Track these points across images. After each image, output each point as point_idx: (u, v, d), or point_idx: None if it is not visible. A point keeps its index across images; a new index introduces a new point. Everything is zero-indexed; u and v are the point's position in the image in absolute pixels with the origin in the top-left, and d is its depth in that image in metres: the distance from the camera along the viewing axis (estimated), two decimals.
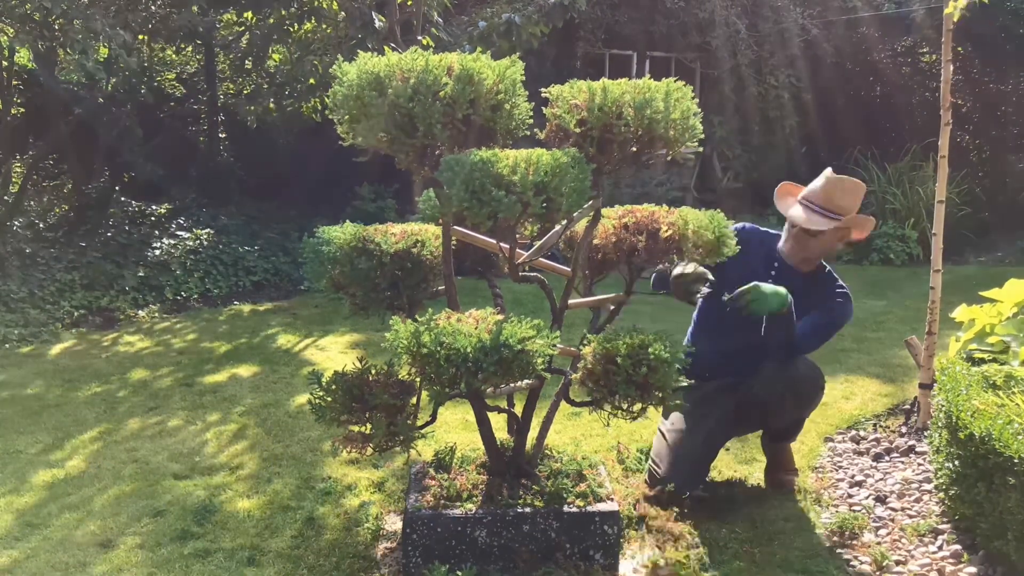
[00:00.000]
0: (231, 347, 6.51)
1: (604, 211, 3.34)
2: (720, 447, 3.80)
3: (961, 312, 4.01)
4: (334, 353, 6.24)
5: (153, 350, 6.47)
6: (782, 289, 3.27)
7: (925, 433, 4.19)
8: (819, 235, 3.47)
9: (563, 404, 3.24)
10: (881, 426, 4.58)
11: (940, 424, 3.42)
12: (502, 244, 3.07)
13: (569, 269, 3.24)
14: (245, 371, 5.80)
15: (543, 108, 3.06)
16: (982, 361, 3.71)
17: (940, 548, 3.22)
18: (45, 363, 6.13)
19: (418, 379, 2.89)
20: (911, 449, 4.15)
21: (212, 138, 12.06)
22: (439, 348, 2.53)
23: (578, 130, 2.92)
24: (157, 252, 8.65)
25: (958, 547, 3.18)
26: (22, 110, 9.86)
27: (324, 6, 9.00)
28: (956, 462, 3.15)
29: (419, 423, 3.02)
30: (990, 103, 12.04)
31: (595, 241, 3.37)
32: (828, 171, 3.54)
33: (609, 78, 2.96)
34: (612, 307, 3.50)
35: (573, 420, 4.67)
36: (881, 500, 3.67)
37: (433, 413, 3.03)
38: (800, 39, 11.65)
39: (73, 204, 9.92)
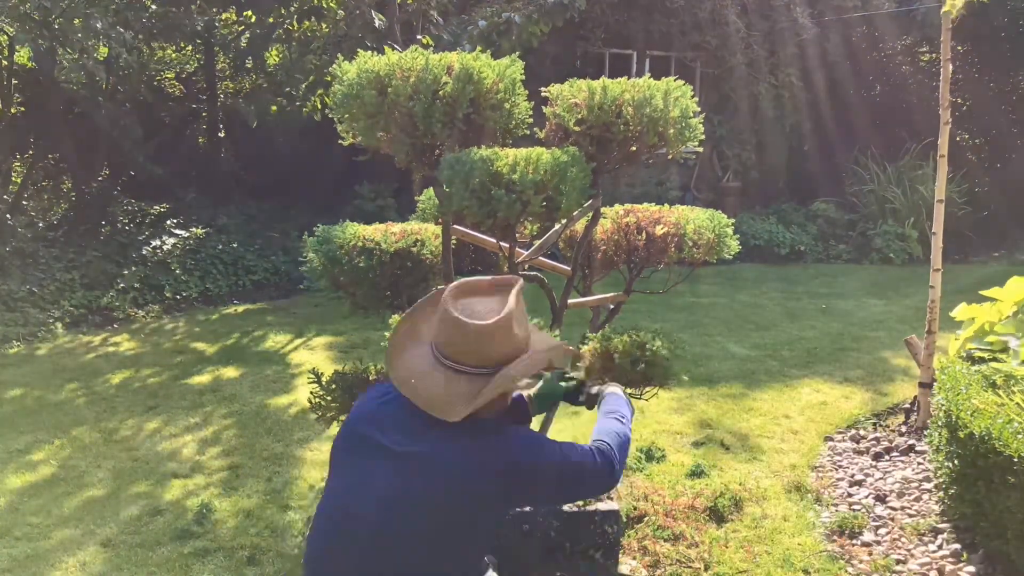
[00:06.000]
0: (231, 346, 6.51)
1: (604, 210, 3.34)
2: None
3: (961, 311, 4.01)
4: (333, 352, 6.24)
5: (153, 349, 6.47)
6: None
7: (925, 432, 4.18)
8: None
9: (563, 404, 3.24)
10: (881, 425, 4.58)
11: (940, 423, 3.42)
12: (502, 243, 3.06)
13: (569, 268, 3.24)
14: (244, 370, 5.80)
15: (543, 107, 3.06)
16: (982, 360, 3.70)
17: (940, 547, 3.22)
18: (45, 362, 6.13)
19: None
20: (911, 448, 4.15)
21: (212, 138, 12.06)
22: None
23: (578, 129, 2.92)
24: (157, 251, 8.65)
25: (958, 546, 3.18)
26: (22, 109, 9.85)
27: (324, 5, 9.00)
28: (956, 461, 3.15)
29: None
30: (991, 102, 12.04)
31: (595, 240, 3.37)
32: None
33: (609, 77, 2.95)
34: (611, 306, 3.50)
35: (573, 420, 4.67)
36: (881, 499, 3.67)
37: None
38: (800, 38, 11.64)
39: (73, 203, 9.92)
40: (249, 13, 9.48)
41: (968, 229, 10.54)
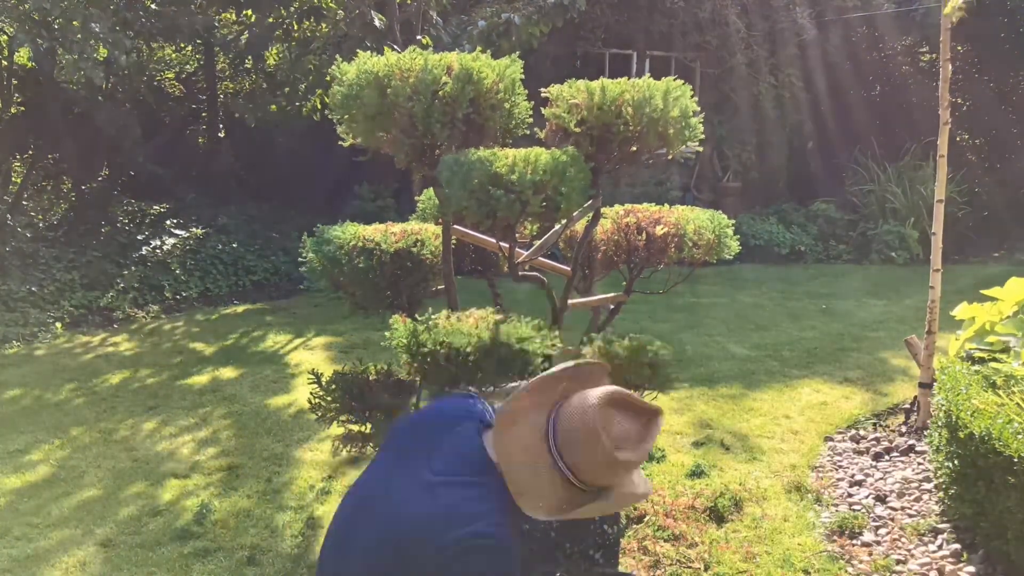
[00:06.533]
0: (231, 347, 6.51)
1: (604, 210, 3.34)
2: None
3: (961, 311, 4.00)
4: (333, 353, 6.23)
5: (152, 349, 6.47)
6: None
7: (925, 432, 4.18)
8: None
9: None
10: (881, 425, 4.58)
11: (940, 423, 3.42)
12: (502, 243, 3.06)
13: (569, 268, 3.24)
14: (244, 370, 5.80)
15: (542, 108, 3.06)
16: (982, 360, 3.70)
17: (940, 547, 3.22)
18: (44, 362, 6.12)
19: (418, 379, 2.88)
20: (911, 448, 4.15)
21: (212, 138, 12.06)
22: (439, 347, 2.52)
23: (577, 129, 2.92)
24: (157, 251, 8.65)
25: (958, 546, 3.18)
26: (22, 109, 9.85)
27: (324, 5, 9.00)
28: (956, 461, 3.15)
29: None
30: (991, 102, 12.04)
31: (595, 240, 3.37)
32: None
33: (609, 77, 2.95)
34: (612, 306, 3.50)
35: None
36: (881, 499, 3.67)
37: None
38: (800, 38, 11.64)
39: (73, 203, 9.92)
40: (249, 13, 9.48)
41: (968, 229, 10.54)
